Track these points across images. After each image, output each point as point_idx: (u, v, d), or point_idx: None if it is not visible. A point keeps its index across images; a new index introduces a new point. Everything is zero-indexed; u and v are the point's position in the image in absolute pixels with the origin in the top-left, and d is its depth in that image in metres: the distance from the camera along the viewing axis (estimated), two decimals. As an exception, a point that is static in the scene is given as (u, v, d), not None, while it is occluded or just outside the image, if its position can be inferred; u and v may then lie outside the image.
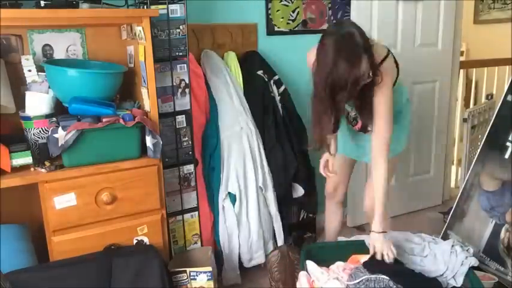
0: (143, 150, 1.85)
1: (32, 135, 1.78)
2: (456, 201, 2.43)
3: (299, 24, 2.67)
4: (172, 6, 2.00)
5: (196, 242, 2.23)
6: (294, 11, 2.64)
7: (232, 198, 2.27)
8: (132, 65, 2.02)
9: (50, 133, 1.69)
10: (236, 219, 2.27)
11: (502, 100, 2.30)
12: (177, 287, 1.97)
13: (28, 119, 1.78)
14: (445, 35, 3.06)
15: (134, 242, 1.89)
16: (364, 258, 1.77)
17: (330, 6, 2.74)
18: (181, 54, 2.06)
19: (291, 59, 2.65)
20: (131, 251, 1.83)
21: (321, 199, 2.60)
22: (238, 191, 2.26)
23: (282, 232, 2.41)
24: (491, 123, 2.34)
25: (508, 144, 2.20)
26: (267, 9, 2.56)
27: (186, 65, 2.08)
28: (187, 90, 2.10)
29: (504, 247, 2.12)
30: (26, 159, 1.71)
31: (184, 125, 2.13)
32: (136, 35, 1.87)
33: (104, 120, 1.76)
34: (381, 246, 1.76)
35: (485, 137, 2.35)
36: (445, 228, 2.45)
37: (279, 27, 2.61)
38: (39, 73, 1.85)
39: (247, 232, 2.30)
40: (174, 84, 2.07)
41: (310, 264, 1.80)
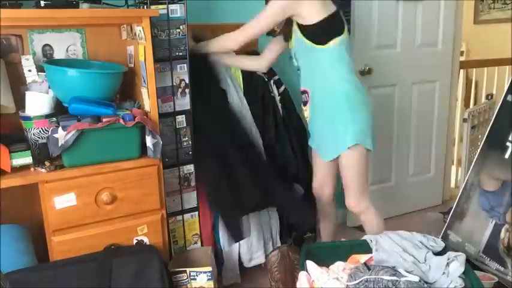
0: (143, 150, 1.85)
1: (32, 135, 1.78)
2: (456, 201, 2.42)
3: (299, 24, 2.66)
4: (172, 6, 2.00)
5: (196, 242, 2.23)
6: (294, 11, 2.63)
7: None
8: (132, 65, 2.02)
9: (50, 133, 1.69)
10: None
11: (502, 100, 2.30)
12: (177, 287, 1.97)
13: (28, 119, 1.77)
14: (445, 35, 3.06)
15: (134, 242, 1.89)
16: (364, 258, 1.76)
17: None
18: (181, 54, 2.06)
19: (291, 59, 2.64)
20: (131, 251, 1.83)
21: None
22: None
23: (280, 233, 2.41)
24: (491, 123, 2.33)
25: (508, 144, 2.20)
26: (267, 9, 2.55)
27: (186, 65, 2.08)
28: (187, 90, 2.10)
29: (504, 247, 2.11)
30: (26, 159, 1.71)
31: (184, 125, 2.13)
32: (136, 35, 1.87)
33: (104, 120, 1.76)
34: None
35: (485, 137, 2.34)
36: (445, 228, 2.45)
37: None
38: (39, 73, 1.85)
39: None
40: (174, 84, 2.07)
41: (310, 264, 1.80)
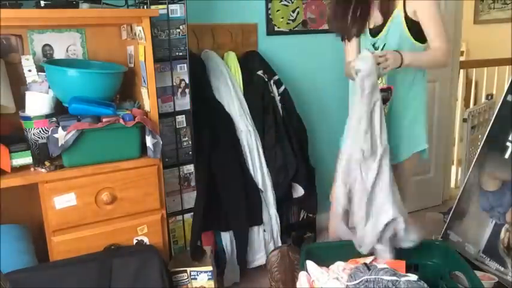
0: (143, 150, 1.85)
1: (32, 135, 1.78)
2: (456, 201, 2.42)
3: (299, 24, 2.67)
4: (172, 6, 2.00)
5: (196, 242, 2.22)
6: (294, 11, 2.64)
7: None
8: (132, 65, 2.02)
9: (50, 133, 1.69)
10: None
11: (502, 100, 2.30)
12: (177, 286, 1.98)
13: (28, 119, 1.77)
14: (445, 35, 3.06)
15: (134, 242, 1.89)
16: (368, 260, 1.76)
17: (330, 6, 2.74)
18: (181, 54, 2.06)
19: (291, 59, 2.65)
20: (131, 251, 1.83)
21: (320, 199, 2.60)
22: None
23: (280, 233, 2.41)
24: (491, 123, 2.33)
25: (508, 144, 2.20)
26: (267, 9, 2.55)
27: (186, 65, 2.08)
28: (187, 90, 2.10)
29: (504, 247, 2.11)
30: (26, 159, 1.71)
31: (184, 125, 2.13)
32: (137, 35, 1.87)
33: (104, 120, 1.76)
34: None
35: (485, 137, 2.34)
36: (445, 228, 2.45)
37: (279, 27, 2.61)
38: (39, 73, 1.85)
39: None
40: (174, 84, 2.07)
41: (310, 264, 1.79)
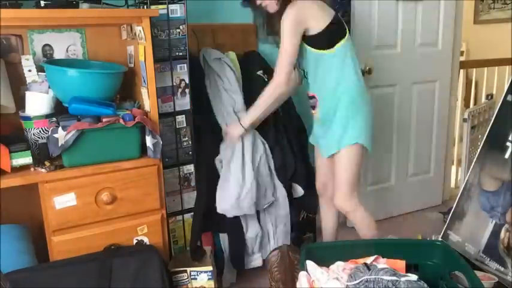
0: (143, 150, 1.86)
1: (32, 135, 1.78)
2: (456, 201, 2.42)
3: (299, 24, 2.66)
4: (172, 6, 2.00)
5: (196, 242, 2.22)
6: (294, 11, 2.63)
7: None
8: (132, 65, 2.02)
9: (50, 133, 1.69)
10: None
11: (502, 100, 2.30)
12: (177, 286, 1.98)
13: (28, 119, 1.78)
14: (445, 35, 3.06)
15: (134, 242, 1.89)
16: (369, 260, 1.76)
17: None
18: (181, 54, 2.06)
19: (291, 59, 2.64)
20: (131, 251, 1.83)
21: (320, 199, 2.60)
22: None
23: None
24: (491, 123, 2.33)
25: (508, 144, 2.20)
26: (267, 9, 2.55)
27: (186, 65, 2.08)
28: (187, 90, 2.10)
29: (504, 247, 2.11)
30: (26, 159, 1.71)
31: (184, 125, 2.13)
32: (137, 35, 1.87)
33: (104, 120, 1.76)
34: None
35: (485, 137, 2.34)
36: (445, 228, 2.45)
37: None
38: (39, 73, 1.85)
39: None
40: (174, 84, 2.07)
41: (310, 264, 1.79)
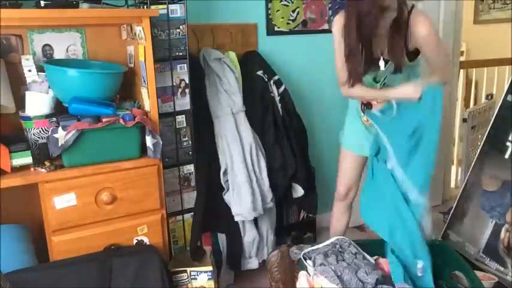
0: (143, 150, 1.85)
1: (32, 135, 1.78)
2: (456, 201, 2.43)
3: (299, 24, 2.67)
4: (172, 6, 2.00)
5: (196, 242, 2.22)
6: (294, 11, 2.64)
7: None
8: (132, 65, 2.02)
9: (50, 133, 1.69)
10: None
11: (502, 100, 2.31)
12: (177, 286, 1.97)
13: (28, 119, 1.77)
14: (445, 35, 3.06)
15: (134, 242, 1.89)
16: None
17: (330, 6, 2.74)
18: (181, 54, 2.06)
19: (291, 59, 2.65)
20: (131, 251, 1.83)
21: (320, 199, 2.60)
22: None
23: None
24: (491, 123, 2.34)
25: (508, 144, 2.20)
26: (267, 9, 2.55)
27: (186, 65, 2.08)
28: (187, 90, 2.10)
29: (504, 247, 2.11)
30: (26, 159, 1.71)
31: (184, 125, 2.13)
32: (137, 35, 1.87)
33: (104, 120, 1.76)
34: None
35: (485, 137, 2.35)
36: (445, 228, 2.45)
37: (279, 27, 2.61)
38: (39, 73, 1.85)
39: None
40: (174, 84, 2.07)
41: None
